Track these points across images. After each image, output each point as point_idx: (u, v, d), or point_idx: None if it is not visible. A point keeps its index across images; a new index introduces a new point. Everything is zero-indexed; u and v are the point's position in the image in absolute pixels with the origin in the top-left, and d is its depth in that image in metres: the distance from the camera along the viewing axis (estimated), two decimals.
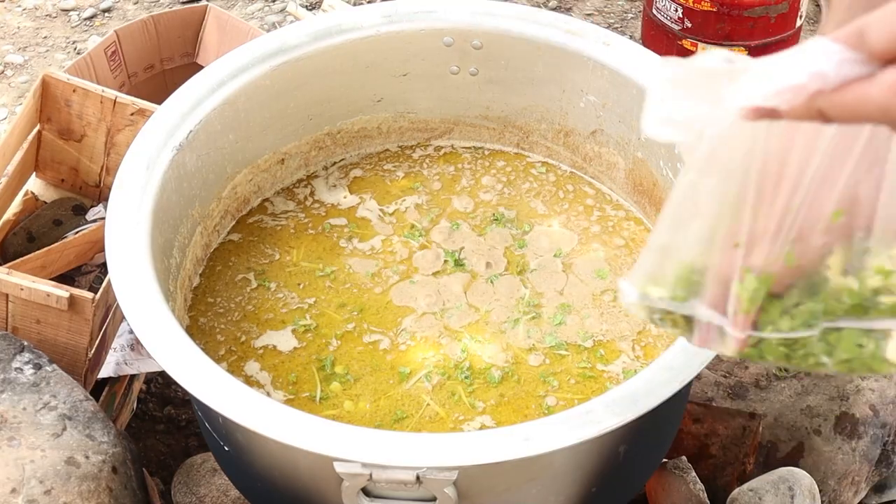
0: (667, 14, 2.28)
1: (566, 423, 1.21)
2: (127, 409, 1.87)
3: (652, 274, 0.97)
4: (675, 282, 0.95)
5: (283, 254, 1.63)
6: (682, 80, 0.85)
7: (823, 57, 0.77)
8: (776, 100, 0.79)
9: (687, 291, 0.95)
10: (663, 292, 0.96)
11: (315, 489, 1.31)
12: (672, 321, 0.99)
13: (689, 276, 0.95)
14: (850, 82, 0.77)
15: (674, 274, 0.95)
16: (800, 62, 0.78)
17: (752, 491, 1.63)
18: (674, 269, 0.95)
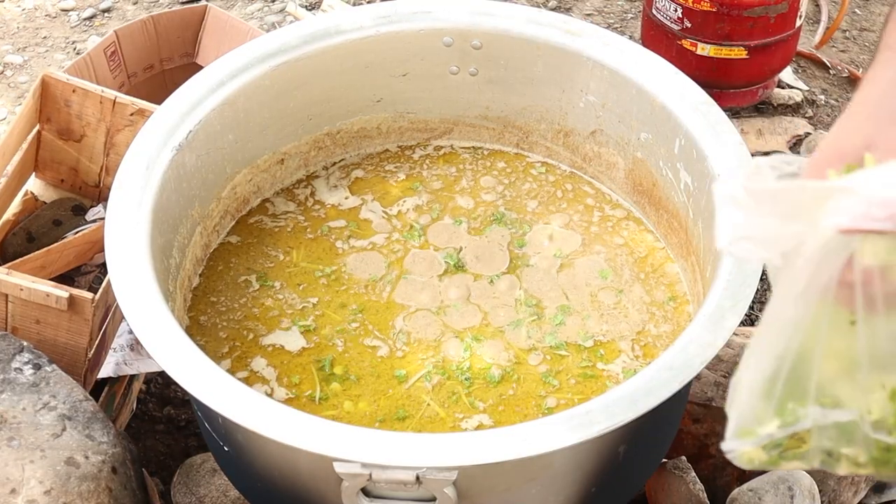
0: (666, 14, 2.28)
1: (566, 423, 1.21)
2: (126, 410, 1.87)
3: (755, 415, 0.92)
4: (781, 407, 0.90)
5: (284, 254, 1.63)
6: (764, 198, 0.80)
7: None
8: (889, 223, 0.73)
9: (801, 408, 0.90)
10: (774, 423, 0.91)
11: (315, 489, 1.31)
12: (800, 455, 0.94)
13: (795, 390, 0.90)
14: None
15: (778, 400, 0.90)
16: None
17: (751, 491, 1.63)
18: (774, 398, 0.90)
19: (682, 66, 1.63)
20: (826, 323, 0.85)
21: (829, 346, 0.86)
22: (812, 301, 0.84)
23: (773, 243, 0.80)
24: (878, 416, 0.88)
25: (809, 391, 0.89)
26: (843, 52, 2.68)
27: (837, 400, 0.89)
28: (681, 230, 1.58)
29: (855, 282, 0.82)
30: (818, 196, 0.77)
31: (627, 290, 1.57)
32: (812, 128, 2.45)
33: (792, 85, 2.52)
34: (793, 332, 0.86)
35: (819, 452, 0.93)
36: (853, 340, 0.85)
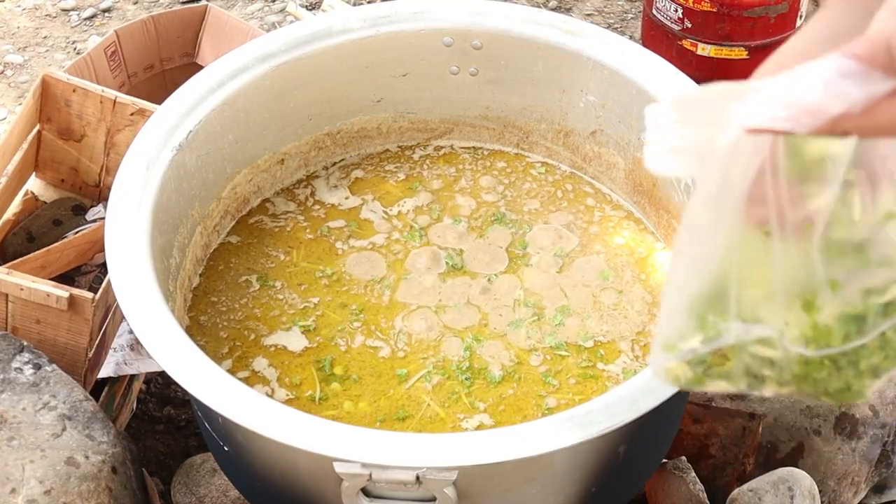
0: (667, 14, 2.28)
1: (566, 423, 1.21)
2: (127, 410, 1.87)
3: (677, 332, 0.91)
4: (703, 320, 0.90)
5: (284, 254, 1.63)
6: (683, 108, 0.81)
7: (847, 77, 0.72)
8: (789, 122, 0.74)
9: (722, 322, 0.90)
10: (697, 338, 0.90)
11: (315, 489, 1.31)
12: (725, 373, 0.93)
13: (715, 304, 0.89)
14: (878, 101, 0.72)
15: (698, 315, 0.90)
16: (818, 82, 0.73)
17: (751, 491, 1.63)
18: (698, 309, 0.90)
19: (683, 67, 1.63)
20: (741, 233, 0.85)
21: (745, 257, 0.86)
22: (724, 205, 0.84)
23: (693, 152, 0.81)
24: (794, 329, 0.88)
25: (730, 305, 0.88)
26: None
27: (758, 314, 0.88)
28: None
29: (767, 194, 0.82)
30: (730, 98, 0.78)
31: (627, 291, 1.57)
32: None
33: None
34: (708, 242, 0.86)
35: (743, 372, 0.93)
36: (768, 252, 0.85)
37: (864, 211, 0.84)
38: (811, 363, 0.90)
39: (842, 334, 0.87)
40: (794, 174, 0.82)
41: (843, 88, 0.72)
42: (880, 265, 0.86)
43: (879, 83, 0.72)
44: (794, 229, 0.83)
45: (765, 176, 0.81)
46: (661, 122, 0.82)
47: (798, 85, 0.74)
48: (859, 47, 0.72)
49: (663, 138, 0.81)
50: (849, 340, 0.88)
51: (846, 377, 0.90)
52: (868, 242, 0.85)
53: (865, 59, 0.72)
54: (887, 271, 0.86)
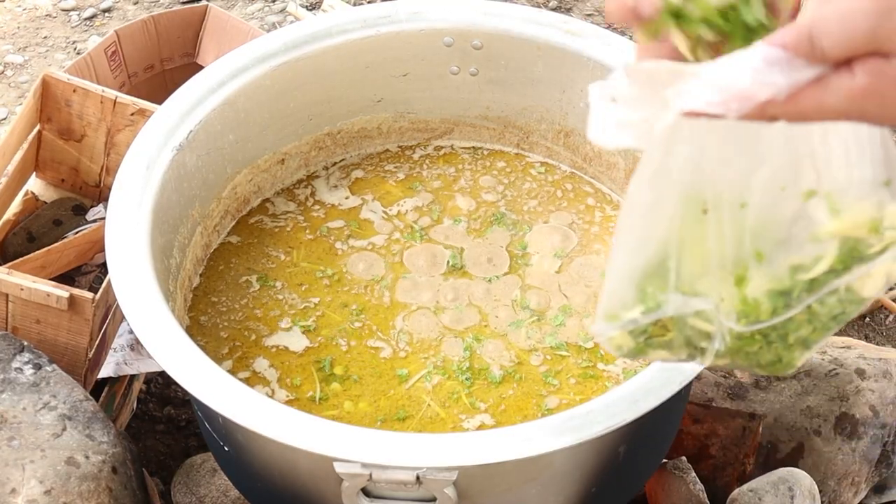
0: None
1: (566, 423, 1.21)
2: (127, 410, 1.87)
3: (620, 301, 0.94)
4: (643, 292, 0.93)
5: (285, 254, 1.63)
6: (628, 83, 0.83)
7: (773, 65, 0.75)
8: (721, 107, 0.77)
9: (661, 294, 0.93)
10: (637, 309, 0.94)
11: (315, 489, 1.31)
12: (665, 344, 0.96)
13: (655, 277, 0.92)
14: (802, 89, 0.75)
15: (638, 286, 0.93)
16: (747, 69, 0.76)
17: (751, 491, 1.63)
18: (639, 281, 0.93)
19: None
20: (681, 211, 0.88)
21: (683, 233, 0.89)
22: (666, 188, 0.87)
23: (636, 127, 0.83)
24: (728, 303, 0.91)
25: (669, 278, 0.91)
26: None
27: (695, 287, 0.92)
28: None
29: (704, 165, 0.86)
30: (673, 77, 0.80)
31: None
32: None
33: None
34: (648, 218, 0.89)
35: (683, 343, 0.96)
36: (706, 227, 0.88)
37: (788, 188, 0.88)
38: (743, 337, 0.93)
39: (770, 309, 0.91)
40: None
41: (770, 76, 0.75)
42: (805, 242, 0.89)
43: (803, 71, 0.75)
44: (729, 206, 0.87)
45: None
46: (604, 95, 0.84)
47: (730, 71, 0.77)
48: (785, 35, 0.75)
49: (607, 111, 0.83)
50: (776, 314, 0.91)
51: (776, 350, 0.94)
52: (794, 219, 0.89)
53: (791, 47, 0.75)
54: (812, 247, 0.89)
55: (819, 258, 0.90)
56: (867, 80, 0.73)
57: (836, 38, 0.73)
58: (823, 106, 0.75)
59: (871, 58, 0.73)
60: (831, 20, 0.73)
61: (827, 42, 0.73)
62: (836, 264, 0.90)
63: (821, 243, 0.90)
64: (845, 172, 0.87)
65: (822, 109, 0.75)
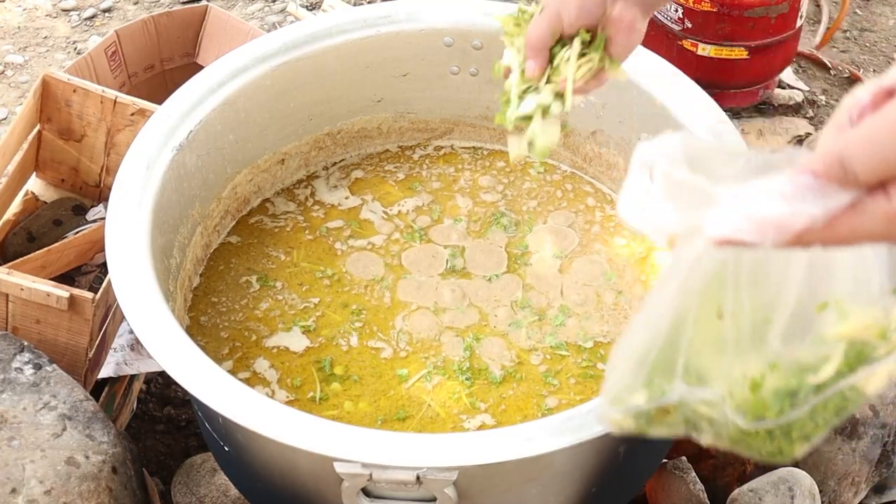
0: (667, 14, 2.28)
1: (566, 423, 1.21)
2: (127, 410, 1.87)
3: (626, 386, 0.98)
4: (651, 379, 0.97)
5: (285, 255, 1.63)
6: (667, 180, 0.84)
7: (805, 192, 0.75)
8: (756, 237, 0.78)
9: (668, 383, 0.96)
10: (642, 396, 0.97)
11: (315, 489, 1.31)
12: (666, 423, 1.00)
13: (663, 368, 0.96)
14: (838, 215, 0.75)
15: (647, 374, 0.96)
16: (780, 198, 0.76)
17: (752, 491, 1.63)
18: (648, 369, 0.96)
19: (683, 67, 1.63)
20: (696, 315, 0.91)
21: (697, 334, 0.93)
22: (687, 296, 0.90)
23: (662, 227, 0.86)
24: (738, 401, 0.94)
25: (677, 370, 0.95)
26: (844, 52, 2.68)
27: (703, 379, 0.95)
28: None
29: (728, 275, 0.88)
30: (707, 199, 0.82)
31: (627, 291, 1.57)
32: (813, 128, 2.45)
33: (793, 85, 2.52)
34: (667, 318, 0.92)
35: (683, 422, 0.99)
36: (720, 330, 0.91)
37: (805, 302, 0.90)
38: (747, 431, 0.96)
39: (777, 409, 0.94)
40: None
41: (804, 204, 0.76)
42: (813, 344, 0.91)
43: (837, 197, 0.75)
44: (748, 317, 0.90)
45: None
46: (644, 165, 0.86)
47: (762, 199, 0.78)
48: (815, 163, 0.75)
49: (642, 190, 0.86)
50: (783, 415, 0.94)
51: (779, 443, 0.97)
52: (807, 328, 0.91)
53: (822, 174, 0.75)
54: (819, 348, 0.91)
55: (826, 359, 0.91)
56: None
57: (869, 162, 0.72)
58: (861, 230, 0.75)
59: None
60: (861, 145, 0.73)
61: (859, 167, 0.73)
62: (843, 367, 0.92)
63: (828, 345, 0.91)
64: (854, 281, 0.89)
65: (860, 234, 0.75)
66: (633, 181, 0.86)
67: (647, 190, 0.85)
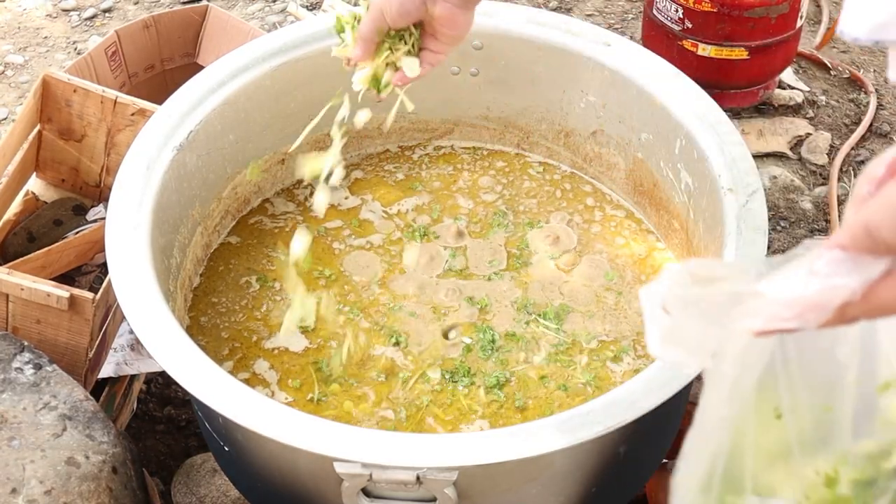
0: (667, 14, 2.28)
1: (566, 423, 1.21)
2: (127, 410, 1.87)
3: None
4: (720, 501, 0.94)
5: (284, 255, 1.63)
6: (681, 302, 0.84)
7: (838, 267, 0.75)
8: (797, 321, 0.77)
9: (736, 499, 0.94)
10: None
11: (315, 489, 1.31)
12: None
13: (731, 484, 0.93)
14: (874, 284, 0.75)
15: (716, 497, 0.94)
16: (813, 278, 0.76)
17: None
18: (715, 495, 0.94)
19: (683, 67, 1.63)
20: (754, 419, 0.90)
21: (759, 440, 0.91)
22: (739, 400, 0.88)
23: (699, 347, 0.85)
24: (816, 501, 0.92)
25: (745, 483, 0.93)
26: (844, 52, 2.68)
27: (773, 489, 0.93)
28: (681, 230, 1.58)
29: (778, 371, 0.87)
30: (733, 300, 0.81)
31: (627, 291, 1.57)
32: (813, 128, 2.45)
33: (793, 86, 2.52)
34: (724, 431, 0.91)
35: None
36: (782, 431, 0.90)
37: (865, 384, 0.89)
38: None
39: (860, 502, 0.92)
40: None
41: (839, 279, 0.75)
42: (882, 428, 0.90)
43: (871, 267, 0.75)
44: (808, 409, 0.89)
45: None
46: (656, 303, 0.85)
47: (796, 283, 0.77)
48: (841, 238, 0.75)
49: (662, 322, 0.84)
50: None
51: None
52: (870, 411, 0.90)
53: (850, 247, 0.75)
54: (888, 433, 0.90)
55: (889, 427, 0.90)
56: None
57: (894, 226, 0.73)
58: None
59: None
60: (885, 210, 0.73)
61: (887, 232, 0.73)
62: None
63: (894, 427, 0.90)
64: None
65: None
66: (651, 320, 0.85)
67: (669, 321, 0.84)
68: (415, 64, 1.32)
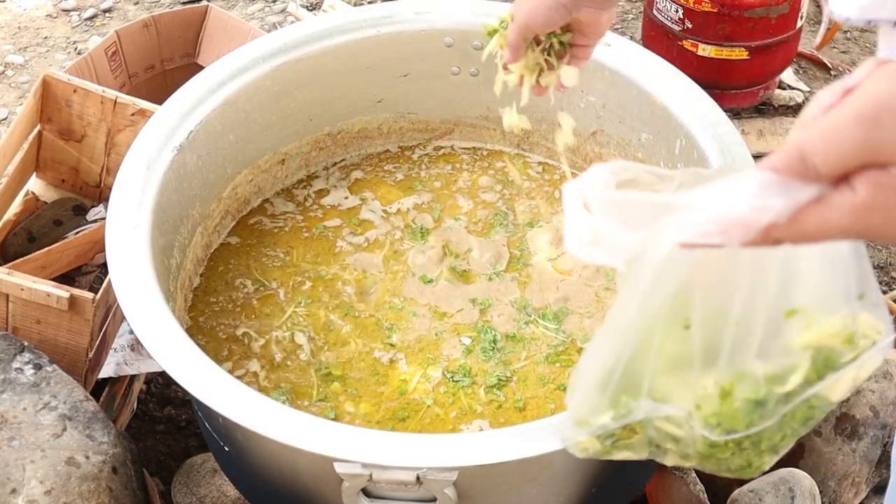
0: (667, 15, 2.28)
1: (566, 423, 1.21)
2: (127, 410, 1.87)
3: (592, 407, 0.98)
4: (616, 397, 0.97)
5: (284, 255, 1.63)
6: (607, 204, 0.84)
7: (768, 189, 0.75)
8: (722, 237, 0.77)
9: (633, 401, 0.96)
10: (608, 415, 0.98)
11: (315, 489, 1.31)
12: (631, 446, 1.00)
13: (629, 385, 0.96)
14: (803, 209, 0.74)
15: (613, 392, 0.96)
16: (742, 197, 0.76)
17: (752, 492, 1.63)
18: (614, 387, 0.96)
19: (683, 67, 1.63)
20: (662, 327, 0.91)
21: (663, 347, 0.92)
22: (652, 308, 0.90)
23: (618, 251, 0.85)
24: (706, 414, 0.94)
25: (642, 386, 0.95)
26: (844, 52, 2.68)
27: (668, 395, 0.95)
28: None
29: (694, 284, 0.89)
30: (658, 209, 0.82)
31: None
32: None
33: (793, 86, 2.52)
34: (631, 334, 0.93)
35: (647, 444, 1.00)
36: (687, 342, 0.91)
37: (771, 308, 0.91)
38: (716, 445, 0.96)
39: (746, 420, 0.94)
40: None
41: (767, 200, 0.75)
42: (780, 354, 0.92)
43: (801, 192, 0.74)
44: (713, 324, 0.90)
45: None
46: (578, 199, 0.85)
47: (724, 200, 0.77)
48: (775, 160, 0.75)
49: (583, 222, 0.85)
50: (752, 426, 0.94)
51: (747, 456, 0.98)
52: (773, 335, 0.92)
53: (783, 169, 0.75)
54: (786, 358, 0.92)
55: (793, 368, 0.92)
56: (867, 192, 0.72)
57: (826, 153, 0.72)
58: (827, 224, 0.74)
59: (868, 170, 0.72)
60: (818, 137, 0.73)
61: (818, 159, 0.73)
62: (811, 375, 0.92)
63: (795, 354, 0.91)
64: (820, 288, 0.89)
65: (826, 228, 0.74)
66: (572, 218, 0.85)
67: (591, 221, 0.84)
68: (573, 74, 1.36)
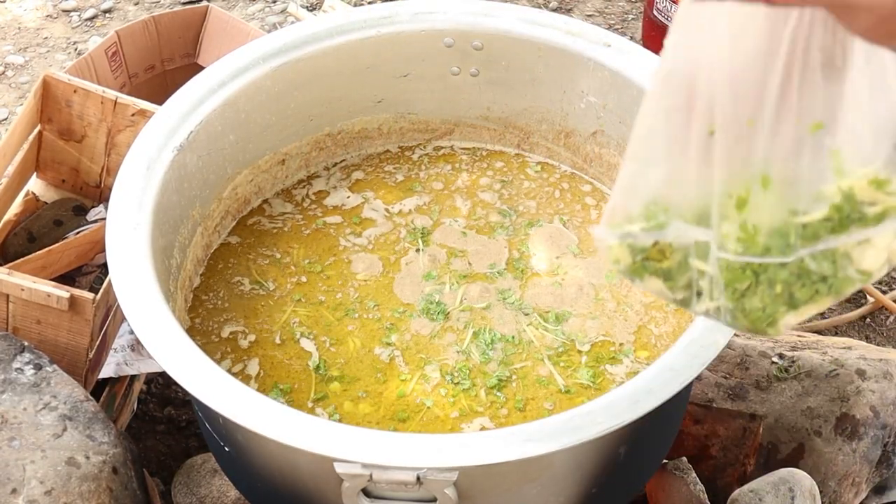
0: (667, 15, 2.28)
1: (566, 423, 1.21)
2: (127, 410, 1.87)
3: (625, 212, 0.96)
4: (648, 209, 0.95)
5: (284, 255, 1.63)
6: None
7: None
8: None
9: (664, 215, 0.95)
10: (639, 224, 0.96)
11: (315, 490, 1.31)
12: (662, 272, 0.98)
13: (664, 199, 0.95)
14: None
15: (645, 203, 0.95)
16: None
17: (752, 492, 1.63)
18: (646, 197, 0.95)
19: None
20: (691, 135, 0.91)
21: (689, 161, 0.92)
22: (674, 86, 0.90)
23: None
24: (726, 234, 0.93)
25: (673, 202, 0.94)
26: None
27: (698, 218, 0.94)
28: None
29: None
30: None
31: (627, 292, 1.57)
32: None
33: None
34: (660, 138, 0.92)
35: (680, 275, 0.97)
36: (711, 151, 0.91)
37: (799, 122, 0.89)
38: (734, 270, 0.94)
39: (764, 244, 0.92)
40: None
41: None
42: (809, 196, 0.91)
43: None
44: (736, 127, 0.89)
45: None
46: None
47: None
48: None
49: None
50: (769, 254, 0.92)
51: (763, 295, 0.95)
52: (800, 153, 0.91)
53: None
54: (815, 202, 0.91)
55: (818, 198, 0.91)
56: None
57: None
58: None
59: None
60: None
61: None
62: (833, 213, 0.91)
63: (821, 190, 0.91)
64: (858, 126, 0.88)
65: None
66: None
67: None
68: None
